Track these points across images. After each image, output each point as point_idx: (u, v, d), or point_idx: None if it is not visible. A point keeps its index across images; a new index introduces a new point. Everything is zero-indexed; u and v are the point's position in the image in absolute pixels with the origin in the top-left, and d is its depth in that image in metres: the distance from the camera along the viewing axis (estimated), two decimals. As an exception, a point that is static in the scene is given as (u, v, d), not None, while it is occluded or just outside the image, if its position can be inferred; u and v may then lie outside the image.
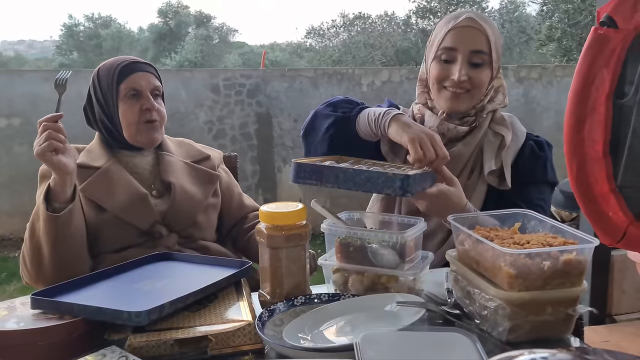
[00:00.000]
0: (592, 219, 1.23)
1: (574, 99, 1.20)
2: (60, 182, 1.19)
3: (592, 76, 1.18)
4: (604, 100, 1.19)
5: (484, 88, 1.36)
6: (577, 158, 1.19)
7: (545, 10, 14.19)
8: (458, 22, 1.32)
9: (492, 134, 1.39)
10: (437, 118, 1.38)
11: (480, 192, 1.35)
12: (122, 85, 1.37)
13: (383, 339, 0.77)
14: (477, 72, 1.33)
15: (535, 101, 6.54)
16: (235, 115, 5.85)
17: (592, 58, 1.18)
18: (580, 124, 1.19)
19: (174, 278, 1.09)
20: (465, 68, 1.31)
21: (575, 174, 1.22)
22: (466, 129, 1.37)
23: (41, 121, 1.18)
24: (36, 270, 1.25)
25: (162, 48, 21.25)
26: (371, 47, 17.01)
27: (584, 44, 1.19)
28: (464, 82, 1.31)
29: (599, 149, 1.18)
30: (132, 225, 1.34)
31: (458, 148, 1.37)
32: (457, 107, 1.35)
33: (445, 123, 1.37)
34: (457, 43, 1.32)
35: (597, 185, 1.20)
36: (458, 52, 1.32)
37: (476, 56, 1.32)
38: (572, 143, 1.19)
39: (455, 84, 1.32)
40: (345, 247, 1.03)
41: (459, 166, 1.37)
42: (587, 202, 1.23)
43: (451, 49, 1.32)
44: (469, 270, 0.91)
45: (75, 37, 22.71)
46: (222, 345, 0.86)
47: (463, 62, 1.31)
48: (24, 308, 0.95)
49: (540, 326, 0.84)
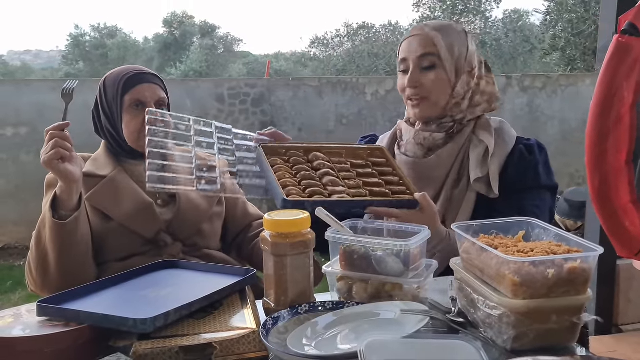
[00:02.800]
0: (611, 232, 1.22)
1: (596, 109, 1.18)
2: (66, 190, 1.20)
3: (615, 87, 1.16)
4: (629, 109, 1.17)
5: (442, 91, 1.37)
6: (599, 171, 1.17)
7: (548, 20, 14.22)
8: (408, 35, 1.40)
9: (477, 140, 1.38)
10: (412, 129, 1.42)
11: (469, 201, 1.34)
12: (127, 96, 1.38)
13: (387, 346, 0.77)
14: (427, 75, 1.36)
15: (539, 110, 6.54)
16: (240, 124, 5.87)
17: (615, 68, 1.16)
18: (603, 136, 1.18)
19: (178, 286, 1.09)
20: (415, 73, 1.36)
21: (598, 187, 1.21)
22: (442, 136, 1.38)
23: (48, 130, 1.19)
24: (42, 278, 1.25)
25: (168, 58, 21.39)
26: (375, 56, 17.06)
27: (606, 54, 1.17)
28: (417, 89, 1.36)
29: (622, 159, 1.17)
30: (137, 233, 1.34)
31: (437, 155, 1.38)
32: (422, 115, 1.39)
33: (420, 132, 1.40)
34: (407, 52, 1.39)
35: (617, 198, 1.19)
36: (409, 60, 1.38)
37: (424, 60, 1.36)
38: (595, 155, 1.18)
39: (411, 91, 1.37)
40: (350, 255, 1.03)
41: (440, 175, 1.37)
42: (607, 215, 1.21)
43: (403, 59, 1.40)
44: (473, 278, 0.91)
45: (81, 47, 22.89)
46: (227, 353, 0.86)
47: (413, 68, 1.36)
48: (30, 315, 0.95)
49: (545, 334, 0.84)
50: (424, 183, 1.38)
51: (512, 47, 18.06)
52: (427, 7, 18.98)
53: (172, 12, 23.55)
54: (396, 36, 18.67)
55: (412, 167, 1.41)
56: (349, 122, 6.20)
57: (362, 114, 6.23)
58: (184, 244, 1.39)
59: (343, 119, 6.18)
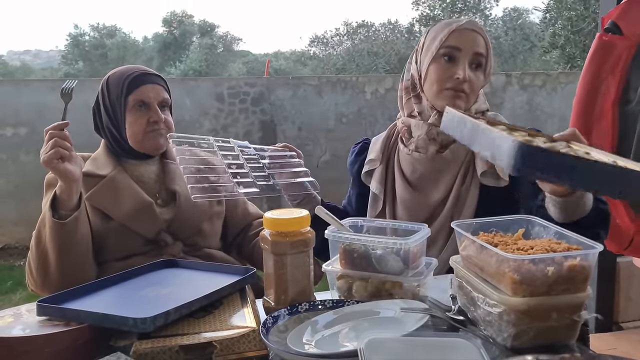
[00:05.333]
0: None
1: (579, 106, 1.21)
2: (66, 189, 1.20)
3: (597, 83, 1.18)
4: (610, 106, 1.19)
5: (477, 93, 1.37)
6: None
7: (548, 18, 14.22)
8: (462, 24, 1.33)
9: None
10: (425, 124, 1.37)
11: (473, 197, 1.34)
12: (131, 97, 1.38)
13: (387, 344, 0.77)
14: (476, 75, 1.34)
15: (539, 108, 6.54)
16: (240, 123, 5.88)
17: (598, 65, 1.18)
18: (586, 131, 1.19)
19: (179, 285, 1.09)
20: (468, 68, 1.32)
21: None
22: None
23: (47, 129, 1.19)
24: (42, 278, 1.25)
25: (167, 57, 21.39)
26: (375, 55, 17.07)
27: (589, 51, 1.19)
28: (464, 83, 1.31)
29: None
30: (138, 233, 1.34)
31: (451, 150, 1.36)
32: (457, 108, 1.30)
33: (434, 128, 1.35)
34: (462, 43, 1.31)
35: None
36: (462, 52, 1.31)
37: (477, 57, 1.33)
38: None
39: (460, 83, 1.30)
40: (350, 254, 1.03)
41: (453, 171, 1.36)
42: None
43: (455, 48, 1.31)
44: (473, 276, 0.91)
45: (80, 46, 22.89)
46: (227, 352, 0.86)
47: (466, 62, 1.31)
48: (30, 315, 0.95)
49: (545, 332, 0.84)
50: (437, 179, 1.37)
51: (512, 45, 18.07)
52: (427, 5, 19.00)
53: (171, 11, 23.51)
54: (395, 34, 18.68)
55: (425, 163, 1.38)
56: (349, 120, 6.20)
57: (362, 113, 6.23)
58: (184, 244, 1.39)
59: (343, 117, 6.18)
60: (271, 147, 1.40)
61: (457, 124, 0.98)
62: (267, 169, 1.30)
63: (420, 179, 1.39)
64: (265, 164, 1.31)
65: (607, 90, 1.18)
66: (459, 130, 0.97)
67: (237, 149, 1.32)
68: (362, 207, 1.48)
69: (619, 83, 1.18)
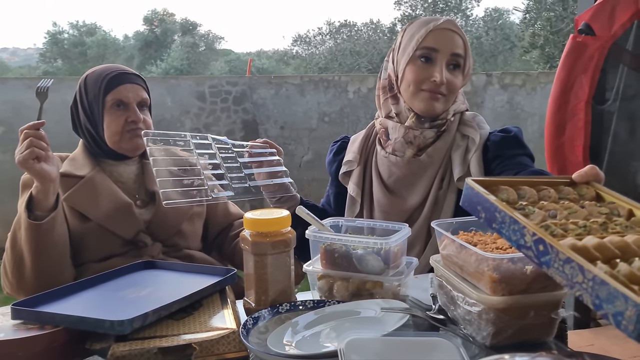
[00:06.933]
0: None
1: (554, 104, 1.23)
2: (42, 190, 1.18)
3: (571, 82, 1.20)
4: (584, 105, 1.22)
5: (456, 94, 1.35)
6: (557, 163, 1.21)
7: (528, 18, 14.40)
8: (439, 24, 1.30)
9: (460, 136, 1.36)
10: (402, 127, 1.35)
11: (450, 202, 1.32)
12: (109, 96, 1.36)
13: (367, 344, 0.77)
14: (454, 75, 1.32)
15: (519, 107, 6.61)
16: (222, 122, 5.84)
17: (571, 65, 1.20)
18: (560, 129, 1.22)
19: (158, 286, 1.08)
20: (445, 69, 1.30)
21: None
22: (433, 134, 1.34)
23: (23, 129, 1.17)
24: (17, 280, 1.23)
25: (148, 55, 21.20)
26: (357, 54, 17.12)
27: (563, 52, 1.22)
28: (441, 86, 1.29)
29: (579, 154, 1.20)
30: (116, 234, 1.32)
31: (428, 154, 1.34)
32: (434, 110, 1.32)
33: (411, 131, 1.34)
34: (439, 44, 1.29)
35: None
36: (439, 53, 1.30)
37: (455, 58, 1.31)
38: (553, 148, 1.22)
39: (437, 85, 1.29)
40: (330, 254, 1.03)
41: (430, 174, 1.35)
42: None
43: (432, 49, 1.29)
44: (453, 275, 0.92)
45: (59, 44, 22.56)
46: (207, 353, 0.86)
47: (444, 63, 1.30)
48: (4, 318, 0.93)
49: (523, 330, 0.85)
50: (414, 183, 1.36)
51: (493, 45, 18.25)
52: (409, 5, 19.11)
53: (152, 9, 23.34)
54: (377, 34, 18.73)
55: (402, 166, 1.37)
56: (331, 120, 6.20)
57: (344, 112, 6.24)
58: (164, 245, 1.38)
59: (325, 116, 6.18)
60: (250, 143, 1.38)
61: None
62: (244, 168, 1.29)
63: (397, 183, 1.38)
64: (243, 163, 1.30)
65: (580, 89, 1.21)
66: None
67: (215, 147, 1.30)
68: (340, 206, 1.48)
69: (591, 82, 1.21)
